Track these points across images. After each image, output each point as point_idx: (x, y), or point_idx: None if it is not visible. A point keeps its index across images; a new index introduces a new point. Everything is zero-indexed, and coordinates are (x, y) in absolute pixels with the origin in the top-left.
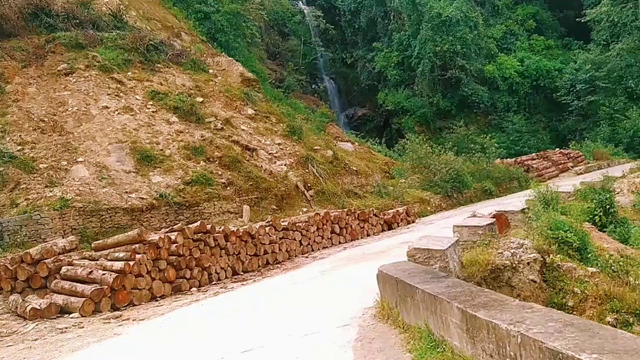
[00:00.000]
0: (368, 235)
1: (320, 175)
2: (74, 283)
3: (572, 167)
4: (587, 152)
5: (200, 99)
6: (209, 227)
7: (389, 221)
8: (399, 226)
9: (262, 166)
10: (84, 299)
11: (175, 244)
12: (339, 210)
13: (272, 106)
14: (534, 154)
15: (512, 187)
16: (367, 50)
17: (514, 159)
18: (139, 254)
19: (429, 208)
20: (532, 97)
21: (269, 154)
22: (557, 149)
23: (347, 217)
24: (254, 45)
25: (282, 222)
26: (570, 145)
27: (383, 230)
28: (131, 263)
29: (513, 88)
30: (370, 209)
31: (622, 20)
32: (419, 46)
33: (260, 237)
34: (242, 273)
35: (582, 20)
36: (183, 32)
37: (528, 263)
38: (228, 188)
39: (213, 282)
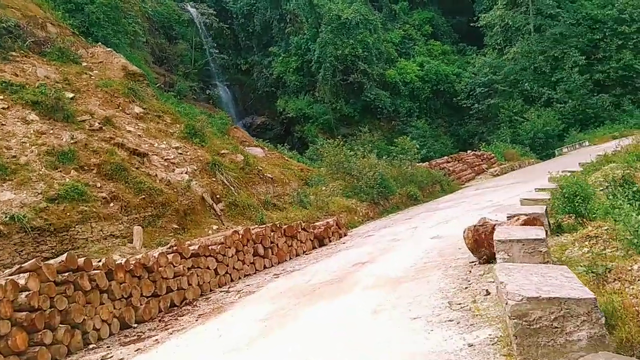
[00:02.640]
0: (297, 254)
1: (231, 184)
2: None
3: (486, 168)
4: (497, 153)
5: (71, 95)
6: (81, 261)
7: (320, 236)
8: (330, 241)
9: (156, 175)
10: None
11: (26, 293)
12: (260, 226)
13: (166, 104)
14: (447, 157)
15: (435, 192)
16: (263, 55)
17: (427, 162)
18: None
19: (356, 218)
20: (433, 102)
21: (165, 159)
22: (469, 151)
23: (272, 234)
24: (138, 48)
25: (190, 246)
26: (481, 147)
27: (314, 247)
28: None
29: (414, 93)
30: (298, 222)
31: (516, 24)
32: (319, 50)
33: (160, 269)
34: (135, 326)
35: (476, 25)
36: (49, 23)
37: None
38: (111, 204)
39: (90, 346)
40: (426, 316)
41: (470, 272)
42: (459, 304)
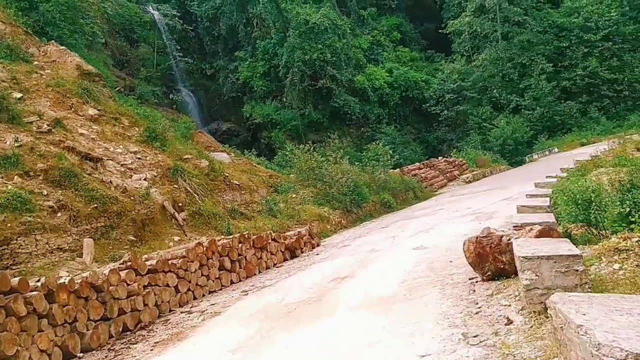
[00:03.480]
0: (267, 267)
1: (195, 191)
2: None
3: (458, 175)
4: (469, 159)
5: (19, 95)
6: (15, 281)
7: (292, 246)
8: (303, 252)
9: (111, 182)
10: None
11: None
12: (226, 236)
13: (124, 106)
14: (419, 164)
15: (408, 198)
16: (229, 60)
17: (399, 169)
18: None
19: (329, 226)
20: (402, 108)
21: (122, 165)
22: (441, 158)
23: (239, 245)
24: (97, 50)
25: (148, 260)
26: (452, 154)
27: (285, 259)
28: None
29: (383, 99)
30: (267, 232)
31: (484, 31)
32: (287, 55)
33: (111, 288)
34: (80, 355)
35: (445, 32)
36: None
37: None
38: (59, 214)
39: None
40: (437, 353)
41: (474, 291)
42: (476, 336)
